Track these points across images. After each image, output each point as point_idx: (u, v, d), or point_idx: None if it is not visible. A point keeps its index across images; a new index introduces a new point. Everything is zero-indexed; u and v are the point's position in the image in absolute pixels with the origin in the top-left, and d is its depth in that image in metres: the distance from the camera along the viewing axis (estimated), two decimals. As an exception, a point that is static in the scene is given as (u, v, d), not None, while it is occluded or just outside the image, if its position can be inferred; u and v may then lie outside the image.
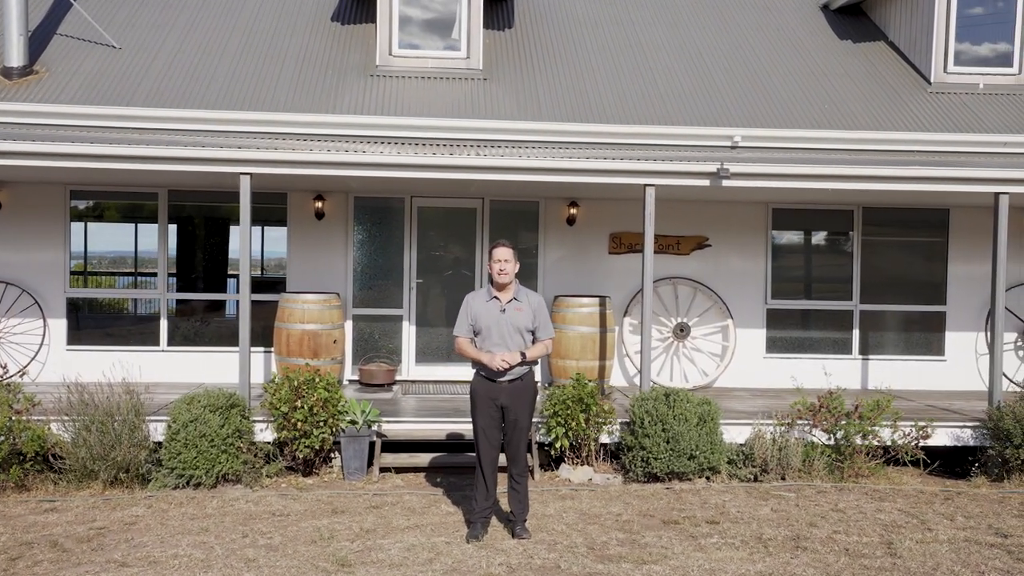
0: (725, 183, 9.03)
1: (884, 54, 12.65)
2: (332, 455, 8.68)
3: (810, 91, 11.60)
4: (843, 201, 11.33)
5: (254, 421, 8.51)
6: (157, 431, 8.35)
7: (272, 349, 10.52)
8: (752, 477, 8.27)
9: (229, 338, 11.07)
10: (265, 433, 8.60)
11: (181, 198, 11.07)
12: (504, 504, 6.79)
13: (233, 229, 11.40)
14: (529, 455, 7.92)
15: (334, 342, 10.25)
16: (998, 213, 9.28)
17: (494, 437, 6.36)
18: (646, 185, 9.15)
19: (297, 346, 10.10)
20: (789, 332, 11.50)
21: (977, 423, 9.09)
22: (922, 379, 11.40)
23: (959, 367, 11.56)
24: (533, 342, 6.39)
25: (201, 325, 11.26)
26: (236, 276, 11.57)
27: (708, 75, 11.79)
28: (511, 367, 6.21)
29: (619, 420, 8.67)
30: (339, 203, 11.13)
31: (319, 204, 10.95)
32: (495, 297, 6.39)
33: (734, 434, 8.61)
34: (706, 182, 9.13)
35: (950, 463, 9.03)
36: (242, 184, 8.90)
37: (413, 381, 11.13)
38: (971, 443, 9.05)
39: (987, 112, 11.40)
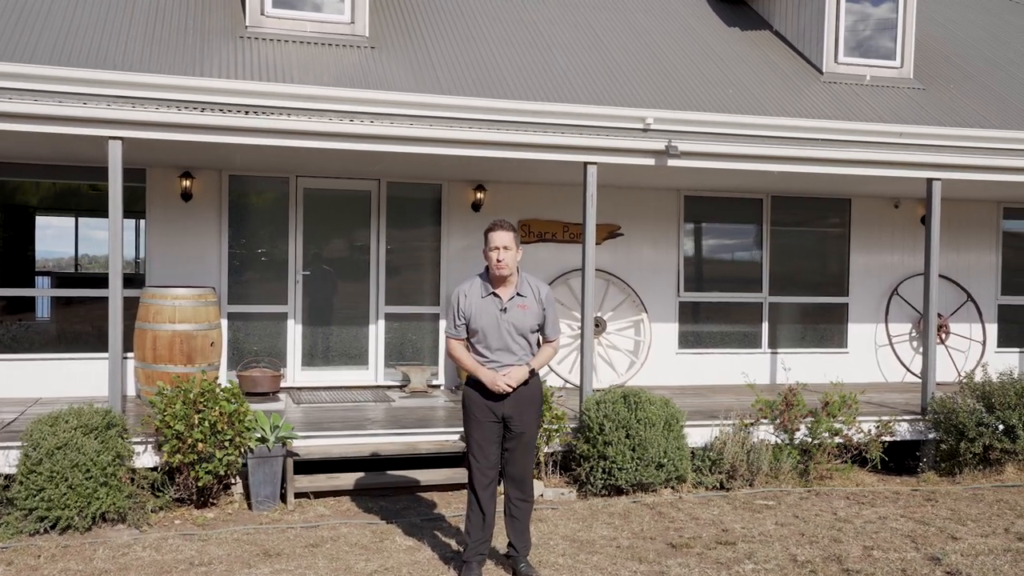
0: (671, 162, 8.28)
1: (772, 43, 12.39)
2: (232, 481, 7.16)
3: (711, 76, 11.09)
4: (753, 189, 10.91)
5: (133, 443, 6.87)
6: (2, 462, 6.57)
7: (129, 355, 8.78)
8: (718, 484, 7.51)
9: (55, 344, 9.26)
10: (144, 457, 6.98)
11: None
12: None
13: (43, 220, 9.46)
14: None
15: (211, 344, 8.65)
16: (931, 199, 9.07)
17: (493, 454, 5.19)
18: (587, 163, 8.22)
19: (167, 350, 8.42)
20: (701, 326, 10.94)
21: (914, 416, 8.80)
22: (827, 372, 11.14)
23: (860, 359, 11.43)
24: (539, 343, 5.29)
25: (18, 328, 9.25)
26: (47, 273, 9.69)
27: (608, 54, 11.04)
28: (516, 388, 5.09)
29: (569, 426, 7.70)
30: (211, 182, 9.48)
31: (187, 183, 9.26)
32: (493, 293, 5.20)
33: (695, 438, 7.84)
34: (651, 161, 8.34)
35: (887, 458, 8.68)
36: (111, 151, 7.20)
37: (300, 388, 9.65)
38: (909, 437, 8.74)
39: (878, 102, 11.30)
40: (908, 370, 11.44)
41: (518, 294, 5.19)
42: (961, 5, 14.63)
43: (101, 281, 9.33)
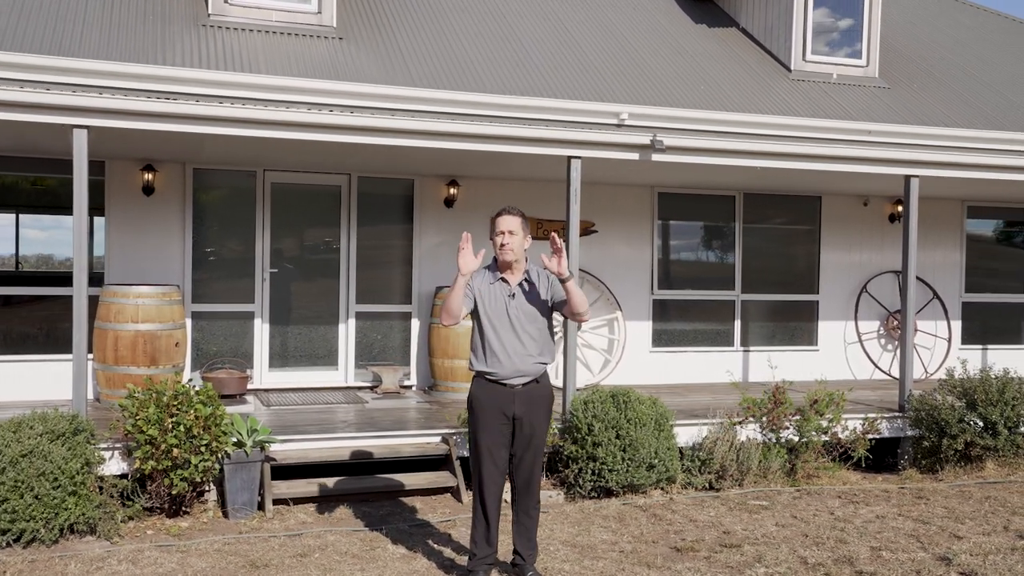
0: (655, 157, 8.14)
1: (740, 40, 12.35)
2: (206, 488, 6.81)
3: (683, 72, 10.99)
4: (726, 186, 10.83)
5: (102, 449, 6.49)
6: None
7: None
8: (708, 484, 7.38)
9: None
10: (111, 464, 6.60)
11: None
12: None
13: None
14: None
15: (176, 345, 8.26)
16: (909, 197, 9.08)
17: (501, 459, 4.96)
18: (571, 157, 8.05)
19: (129, 351, 8.02)
20: (674, 324, 10.83)
21: (892, 414, 8.79)
22: (798, 370, 11.11)
23: (830, 356, 11.43)
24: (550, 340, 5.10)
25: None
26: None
27: (579, 48, 10.86)
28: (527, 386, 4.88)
29: (555, 427, 7.50)
30: (174, 175, 9.08)
31: (148, 176, 8.85)
32: (502, 279, 5.02)
33: (682, 437, 7.70)
34: (635, 155, 8.20)
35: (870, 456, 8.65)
36: (76, 141, 6.80)
37: (268, 390, 9.30)
38: (888, 434, 8.72)
39: (847, 100, 11.31)
40: (877, 367, 11.48)
41: (526, 280, 5.03)
42: (921, 8, 14.78)
43: (45, 280, 8.91)
